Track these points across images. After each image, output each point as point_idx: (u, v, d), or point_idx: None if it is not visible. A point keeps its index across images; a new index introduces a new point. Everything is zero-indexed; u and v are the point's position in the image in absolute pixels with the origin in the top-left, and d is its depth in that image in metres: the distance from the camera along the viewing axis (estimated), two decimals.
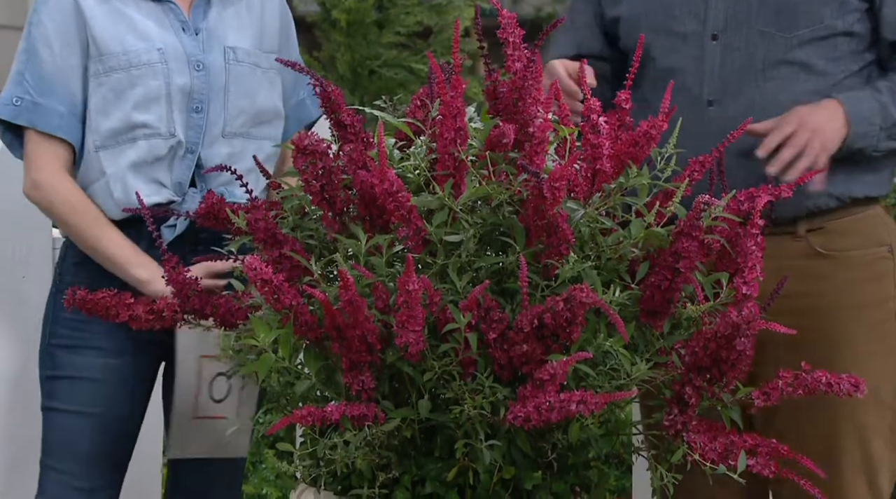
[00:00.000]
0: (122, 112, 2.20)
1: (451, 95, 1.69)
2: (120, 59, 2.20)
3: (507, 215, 1.73)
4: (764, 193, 1.75)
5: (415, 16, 5.00)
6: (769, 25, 2.15)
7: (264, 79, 2.32)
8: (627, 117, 1.82)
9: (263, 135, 2.32)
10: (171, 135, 2.21)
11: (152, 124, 2.20)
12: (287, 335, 1.69)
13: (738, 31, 2.17)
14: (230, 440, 2.28)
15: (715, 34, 2.18)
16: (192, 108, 2.23)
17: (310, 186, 1.76)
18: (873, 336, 2.17)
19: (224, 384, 2.25)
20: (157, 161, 2.21)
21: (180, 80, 2.22)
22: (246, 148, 2.28)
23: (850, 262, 2.17)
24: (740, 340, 1.63)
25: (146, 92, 2.20)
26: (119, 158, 2.20)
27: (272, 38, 2.36)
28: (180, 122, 2.22)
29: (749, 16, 2.17)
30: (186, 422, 2.24)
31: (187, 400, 2.23)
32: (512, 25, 1.73)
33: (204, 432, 2.25)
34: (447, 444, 1.74)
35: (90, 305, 1.84)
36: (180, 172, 2.24)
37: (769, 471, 1.70)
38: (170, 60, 2.22)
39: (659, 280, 1.70)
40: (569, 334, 1.63)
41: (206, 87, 2.25)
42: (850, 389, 1.64)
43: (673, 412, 1.71)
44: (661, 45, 2.21)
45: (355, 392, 1.68)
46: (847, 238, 2.18)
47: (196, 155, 2.25)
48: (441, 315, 1.66)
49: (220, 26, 2.29)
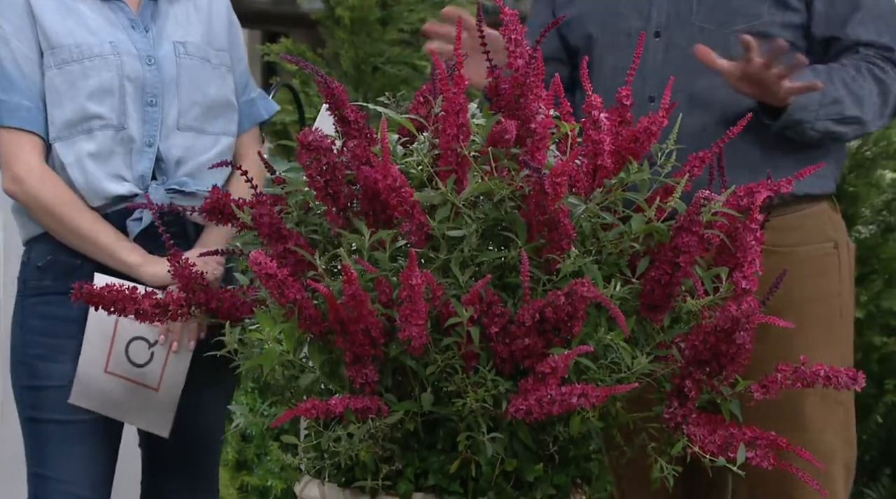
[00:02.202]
0: (76, 103, 2.21)
1: (453, 92, 1.70)
2: (72, 52, 2.21)
3: (509, 211, 1.74)
4: (763, 188, 1.76)
5: (418, 13, 5.00)
6: (708, 21, 2.17)
7: (215, 73, 2.34)
8: (628, 114, 1.83)
9: (219, 129, 2.34)
10: (122, 127, 2.23)
11: (106, 116, 2.21)
12: (291, 329, 1.70)
13: (679, 28, 2.18)
14: (148, 413, 2.27)
15: (658, 31, 2.19)
16: (146, 102, 2.25)
17: (314, 182, 1.77)
18: (820, 331, 2.18)
19: (145, 350, 2.23)
20: (114, 153, 2.22)
21: (133, 74, 2.23)
22: (201, 141, 2.31)
23: (795, 257, 2.17)
24: (740, 333, 1.64)
25: (100, 83, 2.21)
26: (75, 148, 2.20)
27: (221, 37, 2.38)
28: (135, 116, 2.23)
29: (689, 13, 2.18)
30: (95, 371, 2.21)
31: (96, 349, 2.20)
32: (514, 22, 1.74)
33: (114, 390, 2.23)
34: (450, 436, 1.75)
35: (97, 299, 1.86)
36: (141, 165, 2.25)
37: (768, 463, 1.70)
38: (121, 54, 2.23)
39: (659, 275, 1.71)
40: (570, 328, 1.64)
41: (159, 81, 2.26)
42: (849, 382, 1.65)
43: (673, 405, 1.72)
44: (607, 43, 2.22)
45: (359, 385, 1.69)
46: (792, 234, 2.18)
47: (155, 148, 2.26)
48: (444, 309, 1.67)
49: (168, 24, 2.31)
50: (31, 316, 2.27)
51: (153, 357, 2.24)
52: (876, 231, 3.73)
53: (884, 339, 3.60)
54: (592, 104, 1.77)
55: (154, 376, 2.24)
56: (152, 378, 2.24)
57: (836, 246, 2.24)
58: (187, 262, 1.89)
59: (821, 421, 2.19)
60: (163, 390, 2.26)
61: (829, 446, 2.20)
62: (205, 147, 2.31)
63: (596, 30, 2.25)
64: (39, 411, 2.26)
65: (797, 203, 2.20)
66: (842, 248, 2.27)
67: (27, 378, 2.28)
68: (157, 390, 2.25)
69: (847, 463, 2.26)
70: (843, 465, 2.24)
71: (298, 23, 7.60)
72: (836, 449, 2.21)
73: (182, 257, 1.91)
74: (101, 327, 2.20)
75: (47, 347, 2.25)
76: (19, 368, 2.29)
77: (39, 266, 2.27)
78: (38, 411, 2.27)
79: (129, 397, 2.24)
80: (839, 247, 2.25)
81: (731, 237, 1.76)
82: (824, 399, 2.18)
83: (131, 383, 2.23)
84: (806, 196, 2.21)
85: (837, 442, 2.22)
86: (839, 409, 2.22)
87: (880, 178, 3.81)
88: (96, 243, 2.21)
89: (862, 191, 3.66)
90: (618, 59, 2.20)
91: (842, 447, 2.23)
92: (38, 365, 2.26)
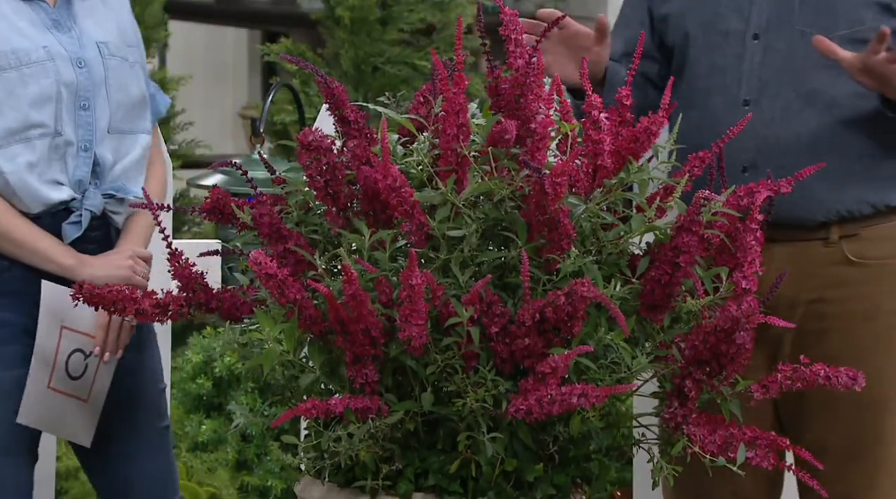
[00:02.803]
0: (18, 112, 2.17)
1: (453, 92, 1.70)
2: (9, 58, 2.18)
3: (509, 211, 1.74)
4: (763, 189, 1.76)
5: (418, 13, 5.00)
6: (810, 25, 2.12)
7: (132, 72, 2.34)
8: (628, 113, 1.83)
9: (140, 128, 2.35)
10: (58, 133, 2.21)
11: (46, 123, 2.20)
12: (291, 329, 1.70)
13: (779, 31, 2.15)
14: (77, 424, 2.27)
15: (756, 33, 2.16)
16: (79, 106, 2.24)
17: (314, 182, 1.77)
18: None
19: (81, 363, 2.23)
20: (51, 160, 2.21)
21: (67, 78, 2.22)
22: (126, 142, 2.32)
23: (886, 270, 2.15)
24: (740, 333, 1.64)
25: (40, 90, 2.19)
26: (14, 158, 2.18)
27: (131, 33, 2.38)
28: (69, 120, 2.22)
29: (791, 16, 2.14)
30: (40, 389, 2.20)
31: (43, 365, 2.20)
32: (514, 22, 1.74)
33: (55, 406, 2.22)
34: (450, 436, 1.75)
35: (97, 299, 1.85)
36: (77, 170, 2.24)
37: (768, 463, 1.71)
38: (55, 58, 2.21)
39: (659, 274, 1.71)
40: (570, 328, 1.64)
41: (90, 84, 2.25)
42: (848, 381, 1.65)
43: (673, 405, 1.72)
44: (704, 43, 2.19)
45: (359, 385, 1.69)
46: (882, 246, 2.15)
47: (91, 152, 2.25)
48: (444, 309, 1.67)
49: (87, 23, 2.30)
50: None
51: (86, 369, 2.24)
52: None
53: None
54: (592, 104, 1.77)
55: (85, 386, 2.25)
56: (83, 389, 2.25)
57: None
58: (187, 262, 1.89)
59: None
60: (91, 400, 2.26)
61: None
62: (129, 148, 2.32)
63: (694, 29, 2.22)
64: None
65: (891, 214, 2.16)
66: None
67: None
68: (86, 400, 2.26)
69: None
70: None
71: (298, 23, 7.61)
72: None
73: (182, 256, 1.90)
74: (47, 345, 2.20)
75: None
76: None
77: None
78: None
79: (63, 411, 2.24)
80: None
81: (731, 237, 1.76)
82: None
83: (68, 396, 2.24)
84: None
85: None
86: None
87: None
88: (32, 248, 2.20)
89: None
90: (713, 59, 2.18)
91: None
92: None
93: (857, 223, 2.13)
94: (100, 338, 2.22)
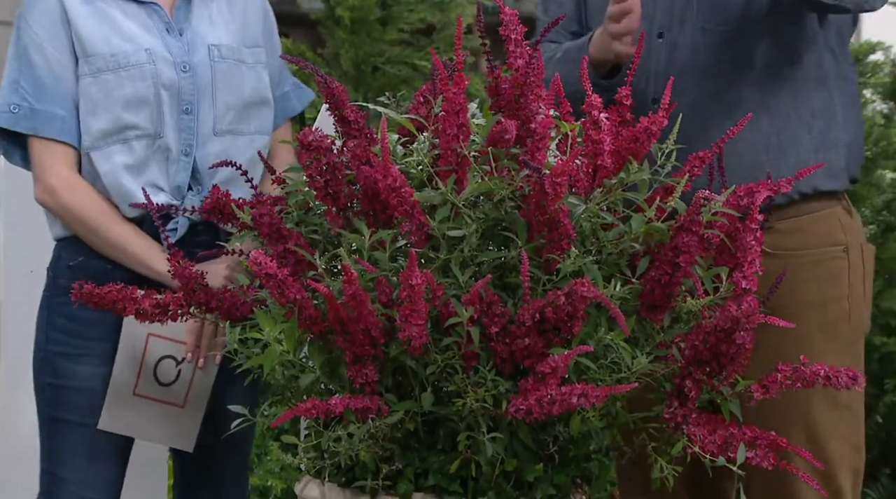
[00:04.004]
0: (111, 113, 2.19)
1: (453, 92, 1.70)
2: (108, 60, 2.20)
3: (509, 211, 1.74)
4: (763, 188, 1.76)
5: (418, 13, 5.00)
6: (708, 22, 2.16)
7: (250, 73, 2.32)
8: (628, 113, 1.83)
9: (254, 129, 2.33)
10: (158, 136, 2.22)
11: (142, 125, 2.20)
12: (291, 329, 1.70)
13: (681, 29, 2.18)
14: (172, 430, 2.27)
15: (661, 32, 2.19)
16: (182, 110, 2.24)
17: (314, 182, 1.77)
18: (822, 337, 2.16)
19: (172, 369, 2.23)
20: (150, 163, 2.22)
21: (168, 82, 2.22)
22: (237, 143, 2.30)
23: (799, 261, 2.16)
24: (740, 333, 1.64)
25: (135, 92, 2.20)
26: (111, 158, 2.20)
27: (255, 33, 2.36)
28: (171, 124, 2.22)
29: (690, 13, 2.18)
30: (124, 395, 2.21)
31: (126, 372, 2.20)
32: (514, 22, 1.74)
33: (141, 412, 2.23)
34: (450, 436, 1.75)
35: (97, 299, 1.85)
36: (177, 175, 2.24)
37: (768, 463, 1.70)
38: (157, 61, 2.22)
39: (659, 275, 1.71)
40: (570, 328, 1.64)
41: (194, 88, 2.25)
42: (848, 382, 1.65)
43: (673, 405, 1.72)
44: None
45: (359, 385, 1.69)
46: (796, 237, 2.17)
47: (191, 157, 2.25)
48: (444, 309, 1.67)
49: (202, 25, 2.29)
50: (58, 315, 2.26)
51: (180, 375, 2.24)
52: (876, 231, 3.73)
53: (884, 339, 3.61)
54: (592, 104, 1.77)
55: (180, 393, 2.25)
56: (178, 396, 2.25)
57: (847, 250, 2.22)
58: (187, 262, 1.89)
59: (828, 426, 2.18)
60: (188, 406, 2.26)
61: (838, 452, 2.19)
62: (240, 149, 2.29)
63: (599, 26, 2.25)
64: (58, 410, 2.26)
65: (805, 202, 2.18)
66: (853, 251, 2.24)
67: (49, 376, 2.27)
68: (182, 406, 2.25)
69: (855, 468, 2.24)
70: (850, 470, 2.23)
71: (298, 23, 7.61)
72: (843, 454, 2.20)
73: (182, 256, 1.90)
74: (131, 351, 2.20)
75: (72, 347, 2.24)
76: (42, 365, 2.28)
77: (71, 265, 2.26)
78: (57, 410, 2.26)
79: (155, 417, 2.24)
80: (849, 251, 2.23)
81: (731, 237, 1.76)
82: (833, 405, 2.17)
83: (158, 402, 2.24)
84: (815, 193, 2.19)
85: (846, 448, 2.21)
86: (846, 413, 2.20)
87: (880, 178, 3.81)
88: (129, 253, 2.21)
89: (862, 191, 3.66)
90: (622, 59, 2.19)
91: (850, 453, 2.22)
92: (61, 364, 2.25)
93: (772, 215, 2.14)
94: (191, 343, 2.21)
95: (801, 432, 2.14)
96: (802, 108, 2.19)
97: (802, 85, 2.19)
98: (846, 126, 2.23)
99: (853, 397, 2.19)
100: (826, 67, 2.21)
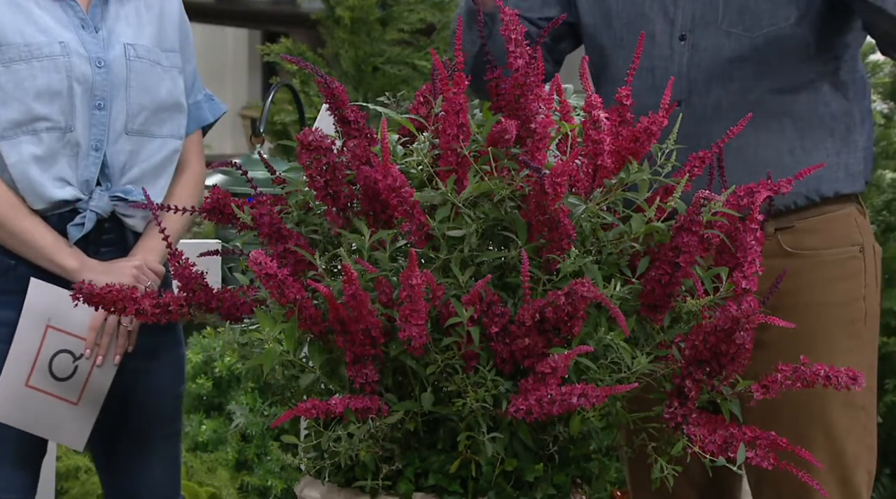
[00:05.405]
0: (22, 103, 2.17)
1: (453, 92, 1.70)
2: (21, 50, 2.18)
3: (509, 210, 1.74)
4: (763, 189, 1.76)
5: (418, 13, 5.01)
6: (734, 25, 2.16)
7: (166, 76, 2.32)
8: (628, 113, 1.83)
9: (167, 132, 2.32)
10: (69, 130, 2.20)
11: (53, 118, 2.19)
12: (291, 329, 1.70)
13: (705, 32, 2.18)
14: (63, 426, 2.24)
15: (683, 34, 2.19)
16: (94, 105, 2.23)
17: (314, 182, 1.77)
18: (844, 335, 2.17)
19: (69, 364, 2.21)
20: (59, 156, 2.20)
21: (81, 76, 2.21)
22: (149, 145, 2.29)
23: (819, 261, 2.17)
24: (740, 333, 1.64)
25: (48, 84, 2.18)
26: (19, 149, 2.17)
27: (171, 38, 2.36)
28: (82, 118, 2.21)
29: (715, 16, 2.17)
30: (16, 386, 2.18)
31: (20, 362, 2.18)
32: (514, 23, 1.74)
33: (33, 405, 2.20)
34: (450, 436, 1.75)
35: (97, 298, 1.85)
36: (86, 170, 2.23)
37: (768, 463, 1.70)
38: (71, 55, 2.21)
39: (659, 274, 1.71)
40: (570, 328, 1.64)
41: (108, 84, 2.24)
42: (849, 381, 1.65)
43: (673, 405, 1.72)
44: (632, 44, 2.21)
45: (359, 385, 1.69)
46: (816, 237, 2.18)
47: (102, 152, 2.24)
48: (444, 309, 1.67)
49: (118, 24, 2.29)
50: None
51: (76, 371, 2.22)
52: (876, 231, 3.73)
53: (884, 339, 3.61)
54: (592, 103, 1.77)
55: (75, 389, 2.22)
56: (73, 392, 2.22)
57: (863, 250, 2.22)
58: (187, 262, 1.89)
59: (844, 428, 2.18)
60: (82, 404, 2.23)
61: (853, 453, 2.19)
62: (152, 151, 2.30)
63: (620, 30, 2.24)
64: None
65: (825, 204, 2.19)
66: (867, 251, 2.24)
67: None
68: (76, 403, 2.23)
69: (870, 469, 2.24)
70: (866, 471, 2.23)
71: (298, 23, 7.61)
72: (859, 455, 2.20)
73: (182, 256, 1.90)
74: (28, 341, 2.18)
75: None
76: None
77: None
78: None
79: (47, 411, 2.21)
80: (865, 250, 2.23)
81: (731, 237, 1.76)
82: (848, 406, 2.17)
83: (51, 396, 2.21)
84: (835, 196, 2.20)
85: (861, 449, 2.21)
86: (861, 414, 2.21)
87: (880, 178, 3.81)
88: (34, 246, 2.19)
89: None
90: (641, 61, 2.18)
91: (865, 454, 2.22)
92: None
93: (792, 215, 2.17)
94: (90, 340, 2.20)
95: (820, 433, 2.15)
96: (824, 112, 2.19)
97: (822, 87, 2.19)
98: (863, 129, 2.24)
99: (867, 398, 2.20)
100: (844, 70, 2.21)
